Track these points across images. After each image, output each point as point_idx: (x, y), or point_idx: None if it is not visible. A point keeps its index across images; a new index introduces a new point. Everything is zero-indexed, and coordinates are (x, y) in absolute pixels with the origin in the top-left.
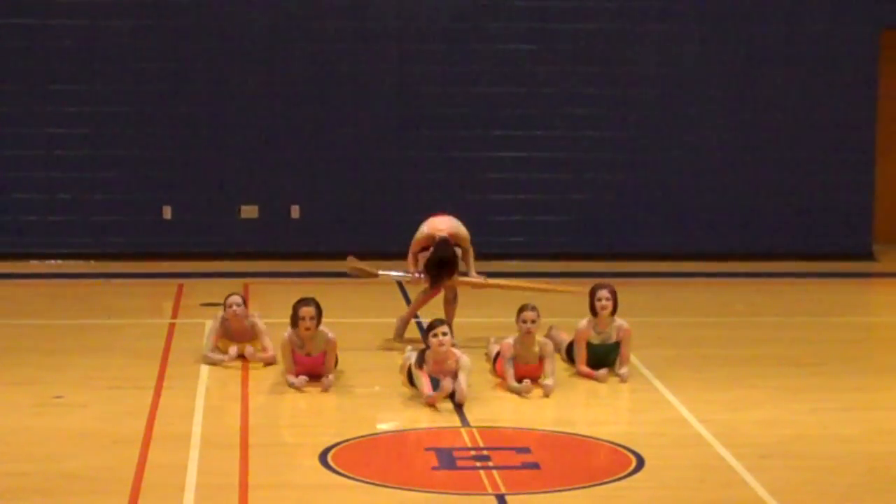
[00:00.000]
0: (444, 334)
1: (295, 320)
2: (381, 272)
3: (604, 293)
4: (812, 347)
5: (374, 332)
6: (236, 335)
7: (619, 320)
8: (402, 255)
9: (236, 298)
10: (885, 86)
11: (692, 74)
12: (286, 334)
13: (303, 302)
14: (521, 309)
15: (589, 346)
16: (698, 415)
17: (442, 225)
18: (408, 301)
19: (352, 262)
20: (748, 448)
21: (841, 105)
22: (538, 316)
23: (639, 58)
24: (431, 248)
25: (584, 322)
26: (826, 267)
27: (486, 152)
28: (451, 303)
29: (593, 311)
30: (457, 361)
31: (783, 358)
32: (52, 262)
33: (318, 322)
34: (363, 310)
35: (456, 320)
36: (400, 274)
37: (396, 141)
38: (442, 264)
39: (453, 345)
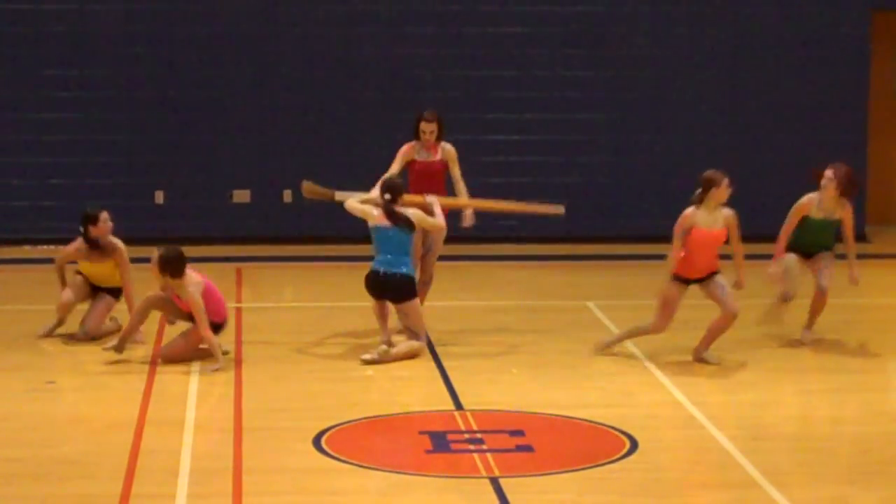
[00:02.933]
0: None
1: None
2: (338, 195)
3: (829, 172)
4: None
5: (366, 317)
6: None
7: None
8: None
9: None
10: (877, 67)
11: (683, 57)
12: None
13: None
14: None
15: (806, 220)
16: (691, 397)
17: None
18: None
19: (309, 187)
20: (741, 430)
21: (833, 86)
22: None
23: (630, 40)
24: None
25: (807, 197)
26: None
27: (479, 135)
28: (425, 284)
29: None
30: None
31: (776, 339)
32: (45, 247)
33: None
34: (356, 294)
35: (464, 303)
36: (358, 195)
37: (388, 124)
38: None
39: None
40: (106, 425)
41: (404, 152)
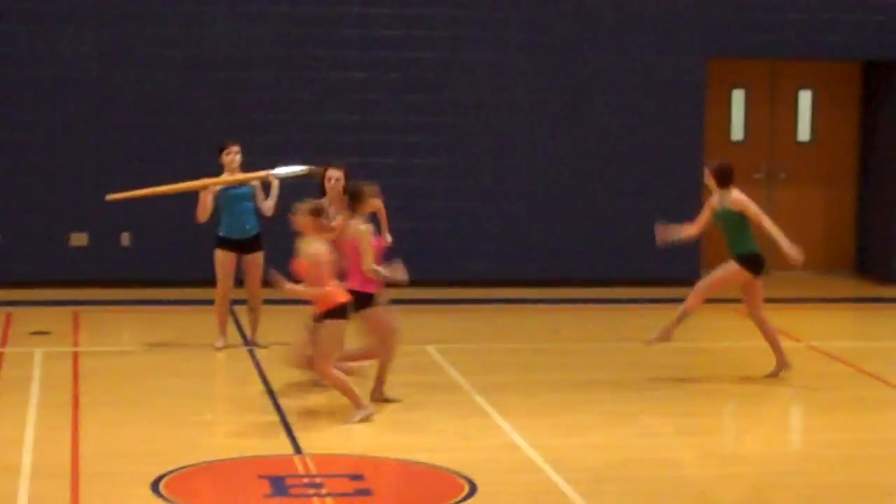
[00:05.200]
0: None
1: None
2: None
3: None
4: (642, 372)
5: (208, 360)
6: None
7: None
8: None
9: None
10: (712, 113)
11: (523, 103)
12: None
13: None
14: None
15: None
16: (530, 440)
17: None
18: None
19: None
20: (580, 473)
21: (669, 132)
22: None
23: (471, 86)
24: None
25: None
26: (655, 293)
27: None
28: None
29: None
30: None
31: (614, 383)
32: None
33: None
34: (197, 337)
35: None
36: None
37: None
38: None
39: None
40: None
41: None
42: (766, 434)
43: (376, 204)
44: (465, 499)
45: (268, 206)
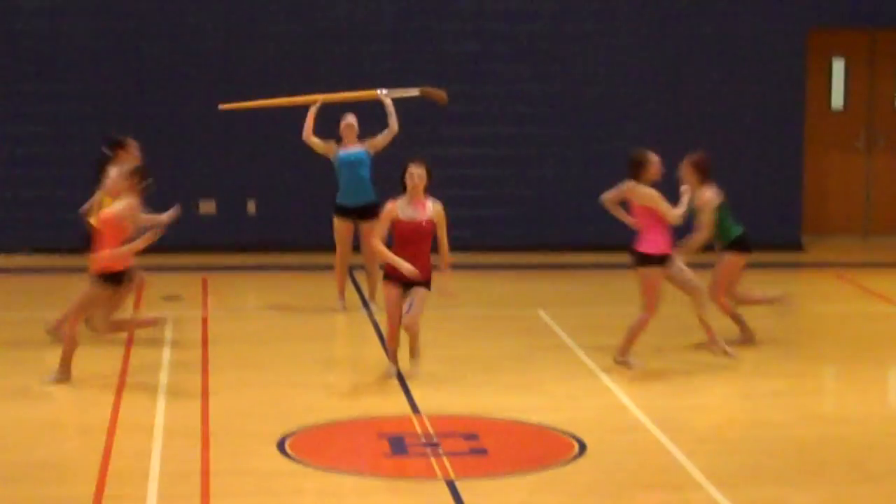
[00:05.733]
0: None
1: None
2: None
3: None
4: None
5: (328, 323)
6: None
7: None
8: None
9: None
10: (812, 82)
11: (629, 73)
12: None
13: None
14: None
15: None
16: (637, 401)
17: None
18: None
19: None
20: (684, 433)
21: (771, 102)
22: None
23: (578, 57)
24: None
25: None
26: (757, 258)
27: (435, 148)
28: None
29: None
30: None
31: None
32: (18, 257)
33: None
34: (318, 301)
35: None
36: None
37: None
38: None
39: None
40: (79, 430)
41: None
42: (864, 396)
43: None
44: (574, 458)
45: (391, 124)
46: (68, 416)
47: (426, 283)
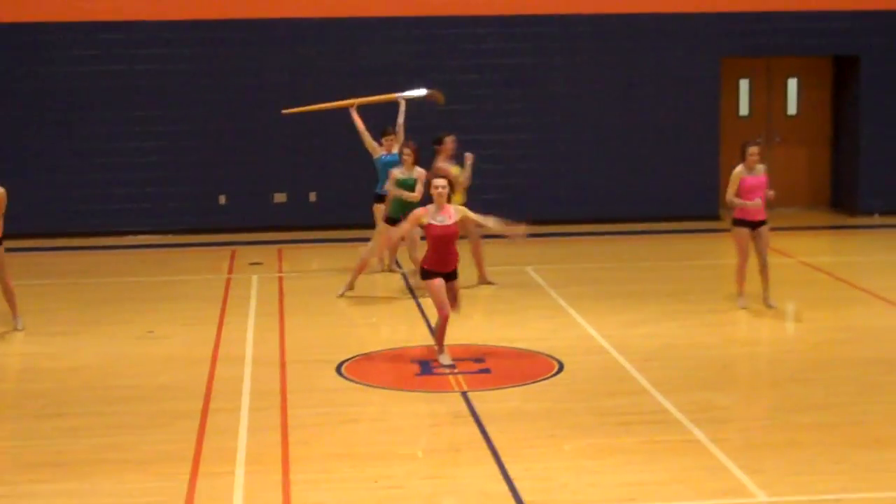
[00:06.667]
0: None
1: None
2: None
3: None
4: (678, 283)
5: (371, 280)
6: None
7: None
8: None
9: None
10: (725, 96)
11: (590, 93)
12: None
13: None
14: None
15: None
16: (600, 331)
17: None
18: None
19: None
20: (636, 354)
21: (695, 111)
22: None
23: (551, 82)
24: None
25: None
26: (684, 225)
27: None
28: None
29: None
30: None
31: (658, 291)
32: (142, 236)
33: None
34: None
35: None
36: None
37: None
38: None
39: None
40: (190, 361)
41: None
42: (771, 324)
43: None
44: (555, 374)
45: (398, 123)
46: (182, 352)
47: (455, 274)
